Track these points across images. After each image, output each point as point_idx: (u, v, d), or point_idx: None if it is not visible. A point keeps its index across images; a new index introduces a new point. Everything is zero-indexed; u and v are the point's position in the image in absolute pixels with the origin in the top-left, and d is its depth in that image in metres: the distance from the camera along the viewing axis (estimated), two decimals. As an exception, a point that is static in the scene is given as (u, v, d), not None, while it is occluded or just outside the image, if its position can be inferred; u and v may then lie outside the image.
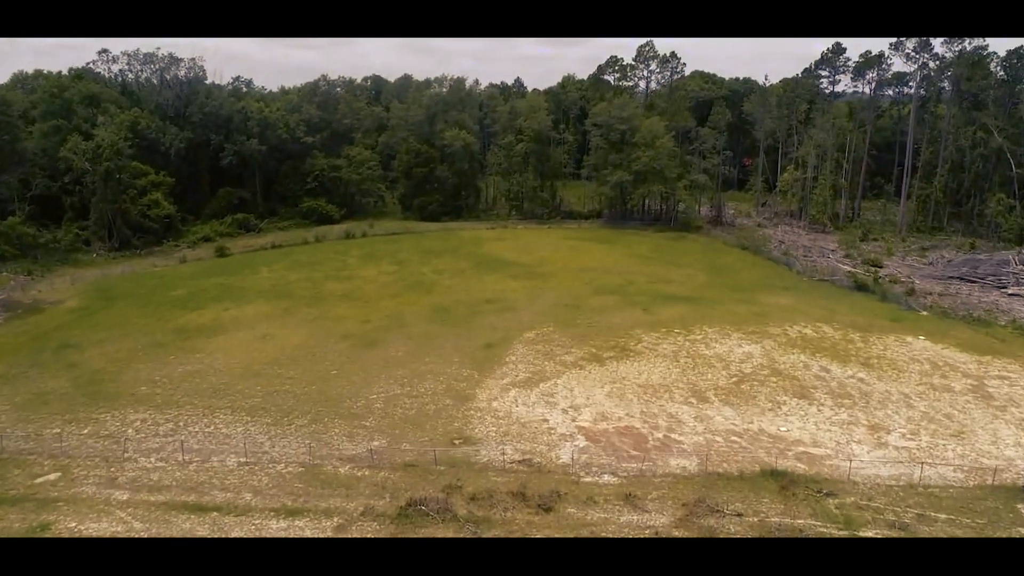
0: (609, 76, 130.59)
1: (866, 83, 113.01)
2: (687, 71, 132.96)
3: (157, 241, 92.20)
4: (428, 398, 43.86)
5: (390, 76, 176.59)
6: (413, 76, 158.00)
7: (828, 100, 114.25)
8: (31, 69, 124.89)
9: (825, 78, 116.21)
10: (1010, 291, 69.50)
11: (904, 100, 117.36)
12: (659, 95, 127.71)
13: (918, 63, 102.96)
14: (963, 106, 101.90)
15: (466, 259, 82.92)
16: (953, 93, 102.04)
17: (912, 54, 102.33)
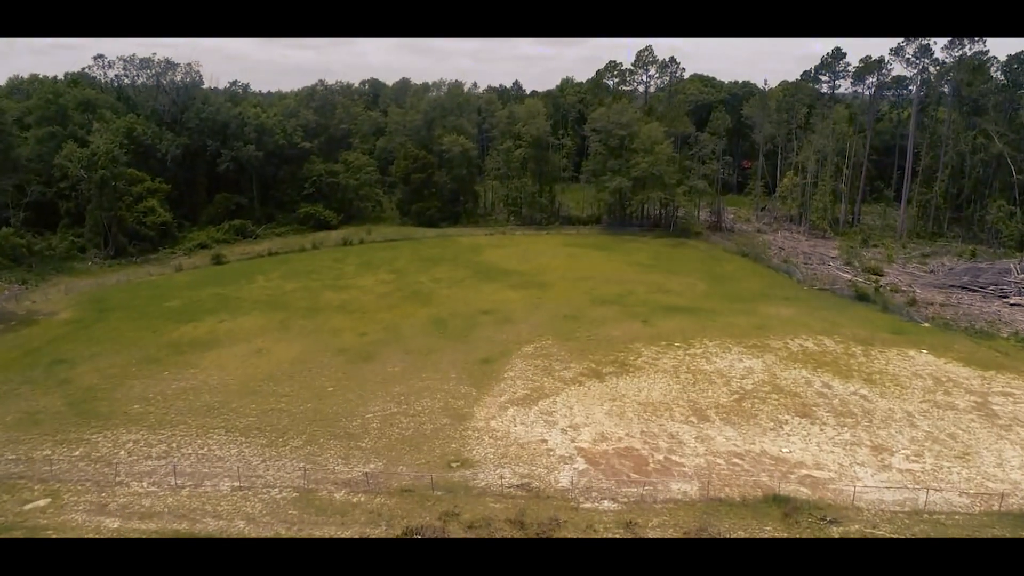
0: (608, 80, 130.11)
1: (866, 88, 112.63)
2: (686, 74, 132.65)
3: (153, 248, 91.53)
4: (425, 417, 43.25)
5: (388, 76, 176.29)
6: (411, 79, 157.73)
7: (828, 105, 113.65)
8: (27, 73, 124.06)
9: (825, 83, 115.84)
10: (1012, 301, 68.98)
11: (904, 103, 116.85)
12: (658, 99, 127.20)
13: (918, 68, 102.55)
14: (963, 111, 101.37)
15: (464, 267, 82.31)
16: (953, 98, 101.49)
17: (912, 59, 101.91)
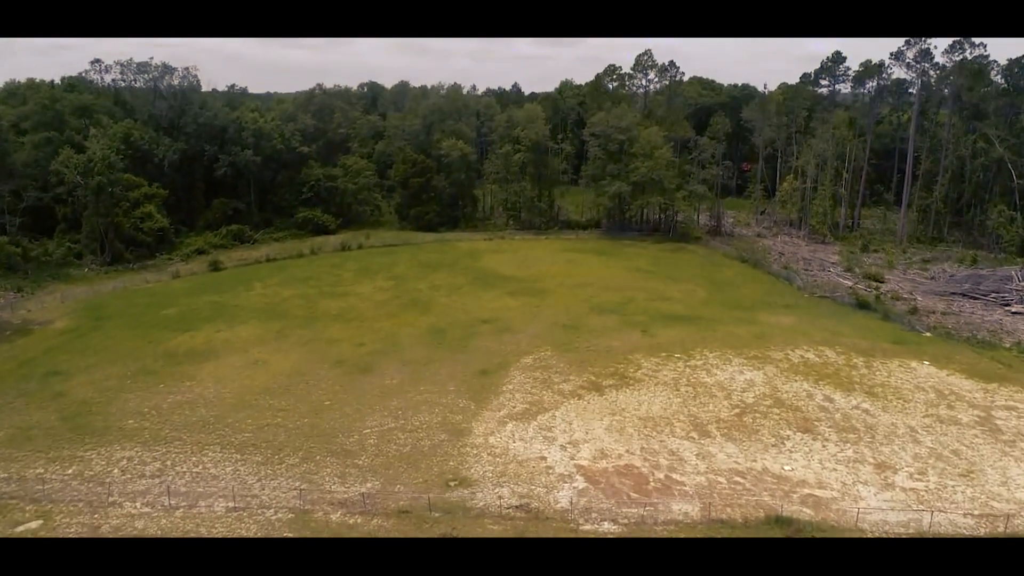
0: (607, 84, 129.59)
1: (866, 91, 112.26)
2: (685, 77, 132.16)
3: (150, 254, 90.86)
4: (423, 432, 42.80)
5: (386, 76, 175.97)
6: (410, 81, 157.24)
7: (828, 109, 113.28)
8: (24, 76, 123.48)
9: (825, 86, 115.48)
10: (1013, 309, 68.62)
11: (904, 107, 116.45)
12: (657, 102, 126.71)
13: (918, 72, 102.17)
14: (963, 115, 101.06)
15: (463, 274, 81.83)
16: (953, 102, 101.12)
17: (912, 63, 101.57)
